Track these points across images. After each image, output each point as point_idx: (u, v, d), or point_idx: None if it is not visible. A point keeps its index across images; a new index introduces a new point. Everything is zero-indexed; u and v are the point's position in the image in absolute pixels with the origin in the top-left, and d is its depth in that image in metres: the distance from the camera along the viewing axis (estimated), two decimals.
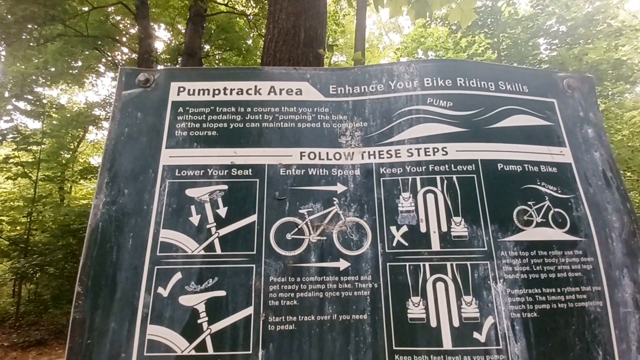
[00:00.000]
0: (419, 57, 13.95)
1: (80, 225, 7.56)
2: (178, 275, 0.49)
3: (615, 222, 0.54)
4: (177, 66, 9.88)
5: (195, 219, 0.51)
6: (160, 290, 0.48)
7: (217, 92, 0.58)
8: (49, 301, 7.02)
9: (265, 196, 0.53)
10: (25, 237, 8.08)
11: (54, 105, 9.09)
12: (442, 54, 13.59)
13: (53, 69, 9.06)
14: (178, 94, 0.58)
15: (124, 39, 9.74)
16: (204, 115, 0.57)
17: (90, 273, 0.48)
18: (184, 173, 0.54)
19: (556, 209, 0.53)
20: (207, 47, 10.79)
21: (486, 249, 0.50)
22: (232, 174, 0.54)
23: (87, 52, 8.75)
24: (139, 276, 0.48)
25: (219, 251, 0.50)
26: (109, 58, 11.17)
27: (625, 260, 0.53)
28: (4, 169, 8.92)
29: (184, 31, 9.19)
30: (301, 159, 0.55)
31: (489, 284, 0.48)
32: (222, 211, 0.52)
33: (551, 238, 0.51)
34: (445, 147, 0.54)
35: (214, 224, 0.51)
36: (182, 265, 0.49)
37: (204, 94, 0.58)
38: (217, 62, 14.43)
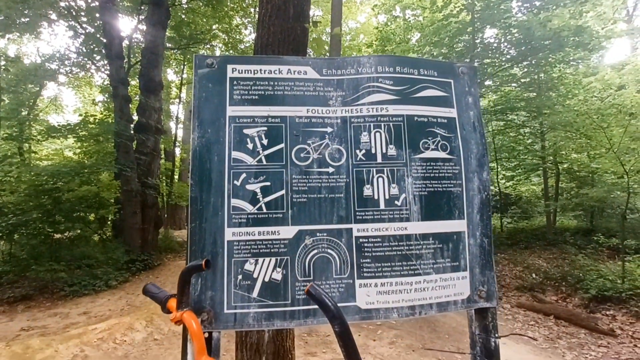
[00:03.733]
0: (397, 15, 13.85)
1: (54, 185, 7.57)
2: (243, 175, 0.94)
3: (474, 149, 1.05)
4: (143, 17, 9.33)
5: (250, 145, 0.96)
6: (235, 182, 0.94)
7: (255, 71, 1.00)
8: (29, 259, 7.22)
9: (288, 133, 0.98)
10: None
11: (9, 59, 8.53)
12: (420, 12, 13.60)
13: (2, 17, 8.37)
14: (232, 73, 0.99)
15: None
16: (249, 86, 0.99)
17: (196, 174, 0.92)
18: (240, 120, 0.97)
19: (443, 142, 1.03)
20: None
21: (404, 161, 0.99)
22: (269, 121, 0.98)
23: None
24: (222, 175, 0.93)
25: (264, 162, 0.96)
26: (63, 5, 10.35)
27: (476, 168, 1.04)
28: None
29: None
30: (307, 112, 1.00)
31: (404, 178, 0.98)
32: (265, 141, 0.97)
33: (438, 156, 1.01)
34: (387, 108, 1.01)
35: (260, 148, 0.96)
36: (245, 170, 0.95)
37: (248, 72, 1.00)
38: (184, 11, 13.59)
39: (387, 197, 0.97)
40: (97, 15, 9.73)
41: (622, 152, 6.04)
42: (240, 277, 0.90)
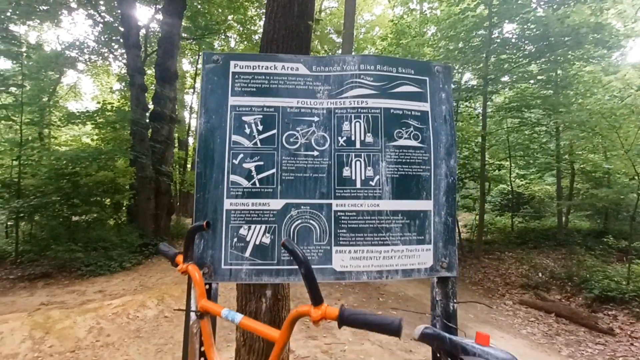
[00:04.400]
0: (413, 7, 13.73)
1: (73, 170, 7.97)
2: (241, 155, 1.13)
3: (444, 139, 1.20)
4: (160, 6, 9.58)
5: (247, 131, 1.14)
6: (233, 161, 1.12)
7: (254, 67, 1.18)
8: (49, 239, 7.65)
9: (280, 121, 1.16)
10: (17, 180, 8.42)
11: (30, 46, 8.93)
12: (437, 5, 13.45)
13: (22, 2, 8.74)
14: (234, 68, 1.17)
15: None
16: (248, 80, 1.17)
17: (202, 153, 1.11)
18: (240, 109, 1.15)
19: (415, 132, 1.18)
20: None
21: (379, 147, 1.16)
22: (264, 110, 1.16)
23: None
24: (223, 154, 1.12)
25: (259, 145, 1.14)
26: None
27: (444, 156, 1.20)
28: None
29: None
30: (297, 104, 1.17)
31: (379, 162, 1.15)
32: (260, 127, 1.15)
33: (410, 144, 1.17)
34: (367, 101, 1.17)
35: (256, 133, 1.15)
36: (243, 151, 1.13)
37: (247, 68, 1.18)
38: (199, 1, 13.80)
39: (363, 178, 1.14)
40: (115, 4, 10.06)
41: (635, 153, 5.98)
42: (235, 239, 1.09)
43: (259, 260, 1.08)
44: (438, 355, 1.10)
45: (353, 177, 1.14)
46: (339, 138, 1.16)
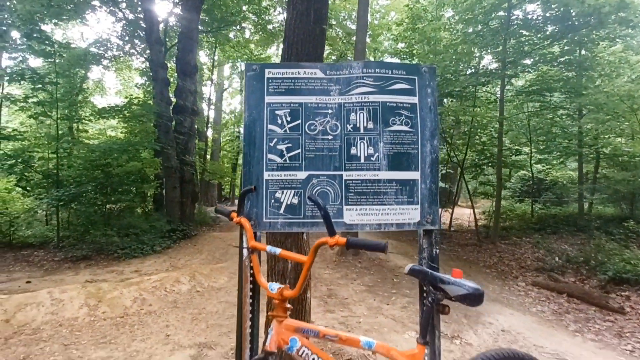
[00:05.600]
0: None
1: (106, 161, 8.71)
2: (275, 139, 1.57)
3: (428, 124, 1.60)
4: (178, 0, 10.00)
5: (279, 121, 1.57)
6: (269, 144, 1.56)
7: (284, 73, 1.60)
8: (87, 225, 8.45)
9: (303, 114, 1.58)
10: (55, 171, 9.26)
11: (62, 45, 9.65)
12: None
13: (52, 3, 9.40)
14: (268, 74, 1.60)
15: None
16: (279, 83, 1.60)
17: (247, 138, 1.56)
18: (273, 105, 1.58)
19: (406, 119, 1.58)
20: None
21: (378, 132, 1.57)
22: (291, 106, 1.58)
23: None
24: (262, 139, 1.56)
25: (288, 132, 1.57)
26: None
27: (429, 138, 1.59)
28: (24, 108, 9.86)
29: None
30: (315, 100, 1.59)
31: (378, 143, 1.56)
32: (288, 119, 1.58)
33: (402, 129, 1.57)
34: (368, 97, 1.58)
35: (286, 123, 1.58)
36: (276, 136, 1.57)
37: (278, 74, 1.60)
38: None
39: (365, 155, 1.56)
40: (138, 1, 10.65)
41: None
42: (272, 200, 1.53)
43: (289, 215, 1.53)
44: (424, 287, 1.52)
45: (358, 155, 1.56)
46: (348, 125, 1.57)
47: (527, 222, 11.40)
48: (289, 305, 1.30)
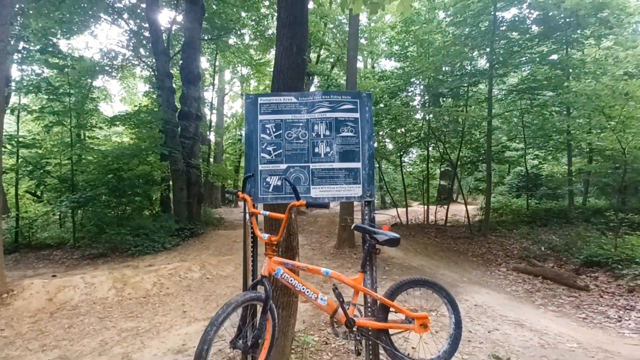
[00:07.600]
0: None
1: (118, 165, 9.71)
2: (265, 143, 2.49)
3: (367, 131, 2.51)
4: (180, 11, 11.02)
5: (268, 131, 2.51)
6: (261, 146, 2.49)
7: (271, 99, 2.53)
8: (102, 226, 9.44)
9: (283, 126, 2.51)
10: (70, 176, 10.29)
11: (74, 58, 10.70)
12: None
13: (63, 15, 10.48)
14: (261, 100, 2.53)
15: None
16: (268, 106, 2.53)
17: (246, 142, 2.49)
18: (264, 121, 2.51)
19: (352, 128, 2.50)
20: None
21: (333, 137, 2.50)
22: (276, 121, 2.51)
23: None
24: (257, 143, 2.49)
25: (274, 138, 2.50)
26: (108, 2, 12.37)
27: (367, 140, 2.50)
28: (40, 118, 10.95)
29: None
30: (291, 117, 2.52)
31: (333, 144, 2.49)
32: (274, 130, 2.50)
33: (349, 135, 2.49)
34: (326, 114, 2.51)
35: (272, 133, 2.50)
36: (266, 141, 2.50)
37: (267, 100, 2.53)
38: (215, 2, 15.29)
39: (324, 152, 2.47)
40: (143, 14, 11.70)
41: (619, 131, 6.85)
42: (264, 183, 2.45)
43: (275, 193, 2.44)
44: (365, 238, 2.41)
45: (320, 152, 2.47)
46: (312, 133, 2.49)
47: (521, 216, 12.19)
48: (275, 248, 2.21)
